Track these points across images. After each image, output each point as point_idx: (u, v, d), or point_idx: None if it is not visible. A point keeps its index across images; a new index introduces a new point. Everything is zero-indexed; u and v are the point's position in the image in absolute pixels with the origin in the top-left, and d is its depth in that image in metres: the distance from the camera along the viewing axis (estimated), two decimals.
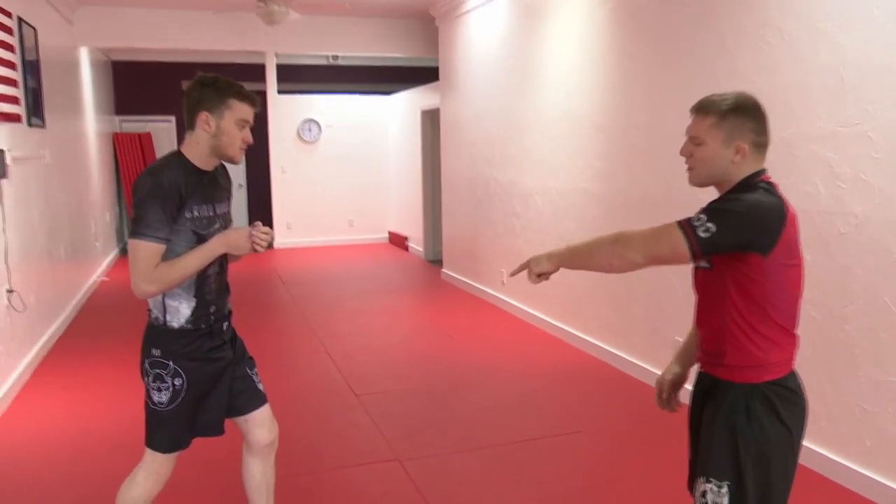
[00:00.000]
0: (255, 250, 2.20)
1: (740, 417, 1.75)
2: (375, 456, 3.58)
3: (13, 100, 4.89)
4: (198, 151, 2.19)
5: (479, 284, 7.25)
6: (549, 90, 5.67)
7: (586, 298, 5.29)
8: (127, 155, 10.63)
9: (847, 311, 3.18)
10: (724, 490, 1.74)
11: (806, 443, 3.41)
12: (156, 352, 2.18)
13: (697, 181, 1.91)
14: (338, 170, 10.95)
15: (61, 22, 7.08)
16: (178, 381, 2.18)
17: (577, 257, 1.90)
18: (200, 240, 2.18)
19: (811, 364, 3.38)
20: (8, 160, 4.53)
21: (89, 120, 8.47)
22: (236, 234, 2.19)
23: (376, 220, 11.29)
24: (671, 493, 3.15)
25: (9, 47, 4.88)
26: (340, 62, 11.80)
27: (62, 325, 5.99)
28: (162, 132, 11.29)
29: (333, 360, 5.16)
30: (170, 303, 2.18)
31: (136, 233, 2.08)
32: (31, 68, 5.53)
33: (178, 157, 2.20)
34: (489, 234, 6.97)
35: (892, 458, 3.03)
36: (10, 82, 4.86)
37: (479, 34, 6.98)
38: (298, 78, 11.55)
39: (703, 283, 1.89)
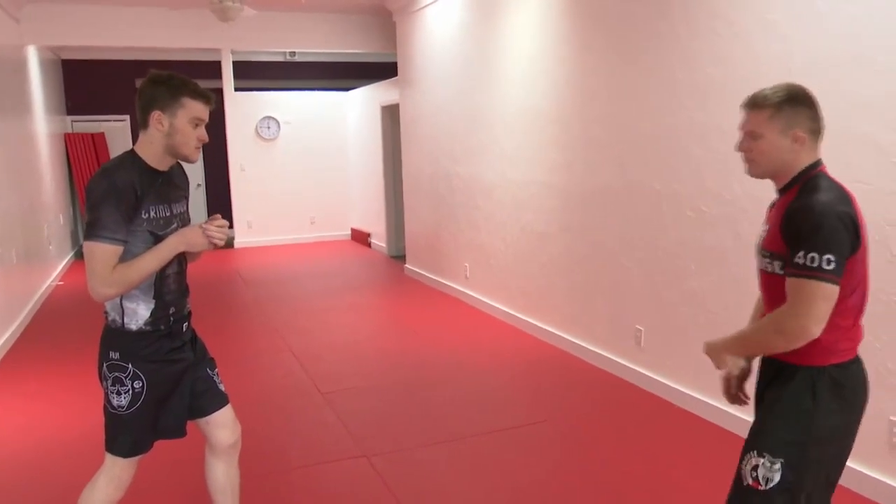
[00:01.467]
0: (214, 245, 2.19)
1: (805, 398, 1.81)
2: (342, 453, 3.57)
3: None
4: (152, 151, 2.16)
5: (443, 279, 7.27)
6: (507, 84, 5.71)
7: (548, 290, 5.35)
8: (80, 156, 10.38)
9: None
10: (777, 466, 1.80)
11: (738, 414, 3.51)
12: (114, 355, 2.15)
13: (758, 173, 1.96)
14: (298, 167, 10.85)
15: (6, 19, 6.88)
16: (137, 384, 2.16)
17: (754, 349, 1.95)
18: (157, 240, 2.15)
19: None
20: None
21: (38, 120, 8.24)
22: (191, 231, 2.19)
23: (338, 217, 11.23)
24: (635, 479, 3.22)
25: None
26: (298, 58, 11.68)
27: (16, 331, 5.84)
28: (116, 132, 11.05)
29: (298, 359, 5.13)
30: (127, 304, 2.15)
31: (92, 235, 2.04)
32: None
33: (132, 156, 2.16)
34: (451, 228, 6.99)
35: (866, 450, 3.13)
36: None
37: (437, 29, 6.98)
38: (255, 75, 11.41)
39: (772, 283, 1.90)
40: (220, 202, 11.68)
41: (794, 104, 1.86)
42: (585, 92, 4.72)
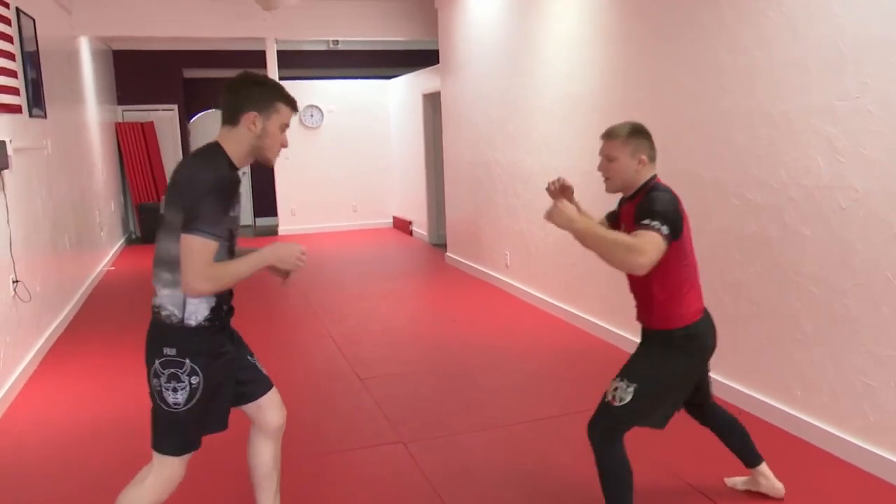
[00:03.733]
0: (298, 266, 2.23)
1: (662, 349, 2.49)
2: (379, 438, 3.60)
3: (13, 91, 4.90)
4: (237, 149, 2.15)
5: (483, 267, 7.25)
6: (547, 70, 5.64)
7: (589, 279, 5.29)
8: (130, 144, 10.65)
9: (848, 286, 3.18)
10: (631, 389, 2.43)
11: (807, 418, 3.42)
12: (169, 351, 2.11)
13: (613, 188, 2.59)
14: (341, 155, 10.94)
15: (60, 12, 7.07)
16: (195, 380, 2.13)
17: (595, 245, 2.32)
18: (232, 239, 2.17)
19: (812, 339, 3.38)
20: (10, 151, 4.55)
21: (91, 110, 8.47)
22: (287, 250, 2.20)
23: (380, 204, 11.30)
24: (675, 470, 3.17)
25: (8, 38, 4.87)
26: (341, 47, 11.75)
27: (69, 314, 6.03)
28: (164, 121, 11.30)
29: (338, 345, 5.19)
30: (191, 300, 2.12)
31: (194, 228, 1.99)
32: (31, 59, 5.53)
33: (221, 151, 2.14)
34: (491, 216, 6.96)
35: (894, 433, 3.04)
36: (10, 73, 4.86)
37: (479, 15, 6.93)
38: (299, 63, 11.52)
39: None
40: (264, 190, 11.87)
41: (638, 136, 2.52)
42: (627, 78, 4.63)
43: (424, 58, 10.16)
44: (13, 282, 4.51)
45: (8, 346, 4.31)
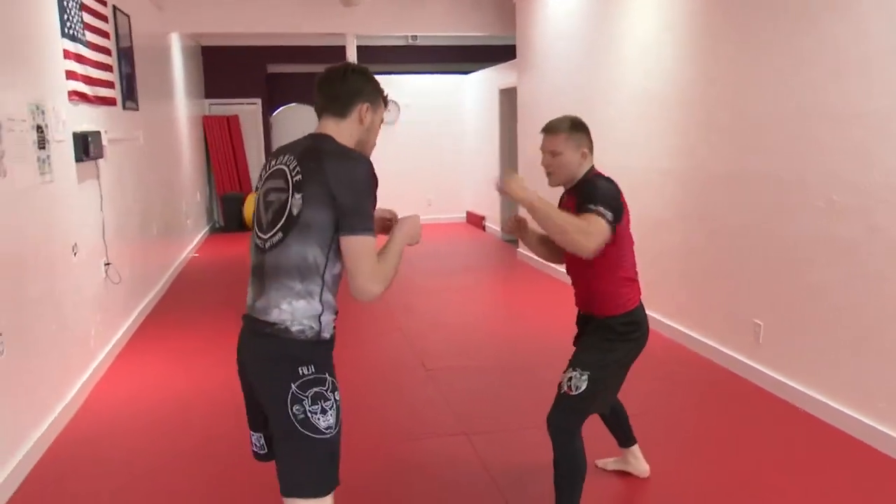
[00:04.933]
0: (419, 240, 2.10)
1: (608, 335, 2.57)
2: (443, 429, 3.64)
3: (109, 84, 5.18)
4: (347, 142, 1.97)
5: (554, 264, 7.19)
6: (626, 66, 5.54)
7: (662, 279, 5.17)
8: (216, 137, 11.08)
9: None
10: (584, 378, 2.51)
11: (892, 432, 3.25)
12: (307, 370, 1.85)
13: (557, 182, 2.62)
14: (416, 149, 11.06)
15: (152, 9, 7.42)
16: (337, 395, 1.90)
17: (545, 220, 2.36)
18: None
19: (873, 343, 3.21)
20: (104, 141, 4.82)
21: (180, 103, 8.86)
22: (413, 227, 2.06)
23: (454, 199, 11.36)
24: (740, 482, 3.07)
25: (105, 34, 5.16)
26: (419, 42, 11.85)
27: (155, 297, 6.34)
28: (248, 115, 11.69)
29: (406, 336, 5.26)
30: (326, 309, 1.90)
31: (363, 228, 1.82)
32: (125, 54, 5.83)
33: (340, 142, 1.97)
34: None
35: None
36: (107, 68, 5.15)
37: (557, 10, 6.86)
38: (378, 59, 11.68)
39: (571, 256, 2.55)
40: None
41: (580, 129, 2.58)
42: (707, 74, 4.50)
43: (502, 53, 10.13)
44: (105, 265, 4.78)
45: (99, 325, 4.58)
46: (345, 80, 1.98)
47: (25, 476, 3.18)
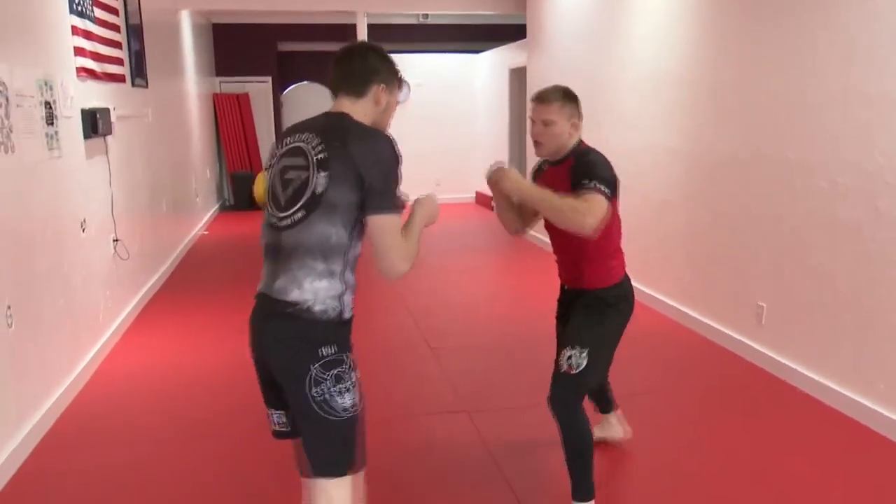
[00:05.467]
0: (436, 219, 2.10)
1: (601, 307, 2.57)
2: (444, 406, 3.68)
3: (118, 61, 5.21)
4: (363, 122, 1.94)
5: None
6: (635, 46, 5.49)
7: (667, 260, 5.17)
8: (226, 114, 11.09)
9: None
10: (584, 354, 2.50)
11: (891, 414, 3.25)
12: (329, 350, 1.83)
13: (547, 153, 2.59)
14: (426, 129, 11.02)
15: None
16: (355, 374, 1.90)
17: (543, 207, 2.38)
18: None
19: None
20: (113, 118, 4.85)
21: (190, 81, 8.87)
22: (431, 206, 2.06)
23: (463, 179, 11.34)
24: (743, 462, 3.10)
25: (113, 10, 5.17)
26: (431, 20, 11.77)
27: (164, 274, 6.40)
28: (259, 93, 11.68)
29: (412, 314, 5.30)
30: (348, 289, 1.90)
31: (390, 207, 1.83)
32: (135, 31, 5.84)
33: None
34: None
35: None
36: (115, 44, 5.17)
37: None
38: (389, 37, 11.61)
39: (558, 231, 2.50)
40: None
41: (572, 99, 2.54)
42: (716, 55, 4.46)
43: (514, 32, 10.06)
44: (113, 241, 4.83)
45: (108, 300, 4.64)
46: (363, 60, 1.95)
47: (32, 449, 3.25)
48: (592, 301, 2.60)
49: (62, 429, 3.48)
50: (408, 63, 10.87)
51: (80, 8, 4.34)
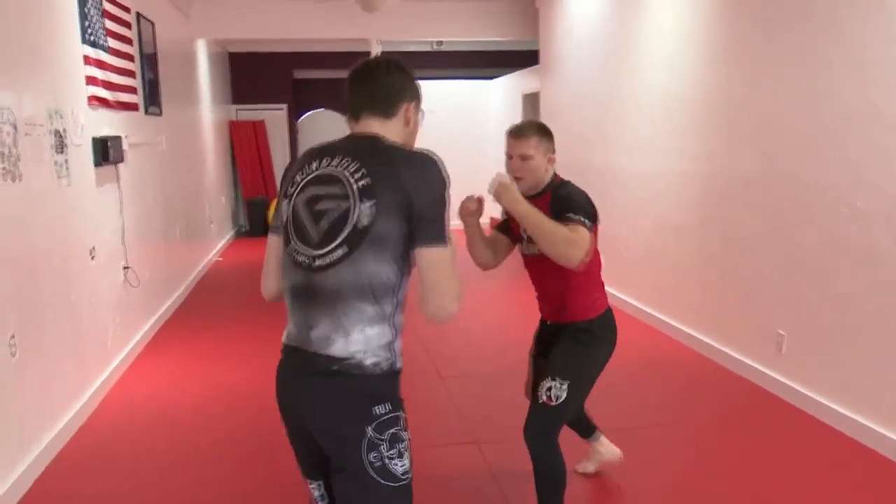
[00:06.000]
0: None
1: (584, 339, 2.56)
2: (453, 437, 3.60)
3: (131, 90, 5.25)
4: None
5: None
6: (647, 70, 5.45)
7: (682, 286, 5.07)
8: (242, 141, 11.19)
9: None
10: (564, 387, 2.48)
11: (891, 434, 3.13)
12: (383, 408, 1.64)
13: (525, 188, 2.53)
14: (440, 155, 11.01)
15: (178, 16, 7.52)
16: (408, 434, 1.70)
17: (536, 230, 2.32)
18: None
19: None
20: (125, 146, 4.87)
21: (206, 108, 8.96)
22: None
23: None
24: (762, 498, 2.98)
25: (127, 41, 5.22)
26: (445, 48, 11.85)
27: (176, 300, 6.39)
28: (275, 120, 11.78)
29: (423, 341, 5.23)
30: (398, 335, 1.71)
31: (443, 239, 1.64)
32: (149, 60, 5.90)
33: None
34: None
35: None
36: (129, 73, 5.21)
37: (579, 14, 6.80)
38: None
39: (541, 265, 2.54)
40: None
41: (547, 134, 2.55)
42: (728, 76, 4.40)
43: (527, 58, 10.08)
44: (123, 268, 4.83)
45: (118, 326, 4.62)
46: (387, 76, 1.76)
47: (37, 476, 3.21)
48: (577, 333, 2.57)
49: (68, 456, 3.44)
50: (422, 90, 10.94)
51: (92, 38, 4.38)
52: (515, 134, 2.55)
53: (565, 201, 2.41)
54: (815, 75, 3.65)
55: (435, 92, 10.98)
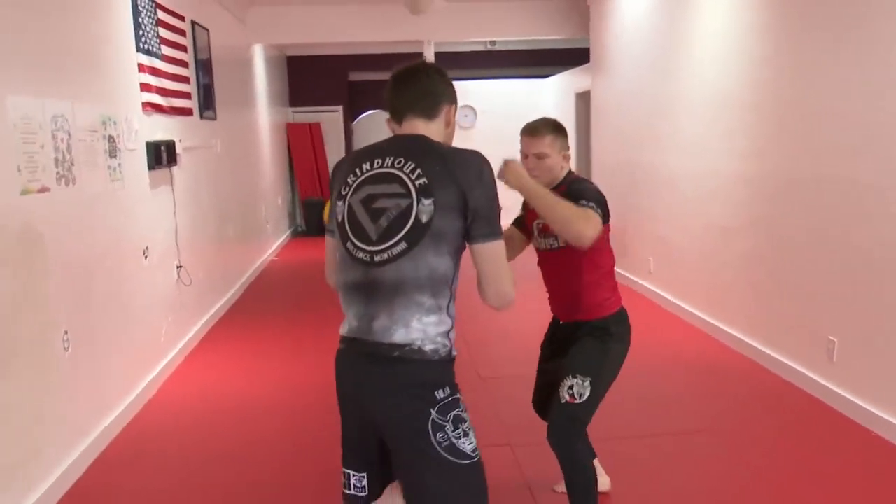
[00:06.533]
0: None
1: (602, 336, 2.52)
2: (488, 439, 3.53)
3: (185, 95, 5.44)
4: None
5: (627, 273, 6.99)
6: (696, 67, 5.32)
7: (732, 290, 4.93)
8: (298, 143, 11.43)
9: None
10: (587, 384, 2.45)
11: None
12: (444, 392, 1.72)
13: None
14: (492, 155, 10.87)
15: (234, 22, 7.74)
16: (468, 415, 1.78)
17: (547, 207, 2.28)
18: None
19: None
20: (178, 150, 5.05)
21: (262, 111, 9.19)
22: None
23: None
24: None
25: (181, 48, 5.41)
26: (498, 47, 11.82)
27: (231, 299, 6.59)
28: (331, 121, 12.00)
29: (466, 342, 5.24)
30: (453, 324, 1.80)
31: (498, 233, 1.75)
32: (204, 66, 6.10)
33: None
34: (635, 220, 6.70)
35: None
36: (183, 79, 5.40)
37: (630, 12, 6.69)
38: (456, 65, 11.73)
39: (555, 260, 2.58)
40: None
41: (562, 132, 2.54)
42: (779, 74, 4.25)
43: (581, 56, 9.97)
44: (177, 267, 5.01)
45: (170, 324, 4.80)
46: (430, 80, 1.87)
47: (86, 468, 3.37)
48: (593, 331, 2.55)
49: (116, 449, 3.60)
50: (475, 90, 10.95)
51: (146, 46, 4.56)
52: (530, 132, 2.54)
53: (579, 192, 2.41)
54: (868, 71, 3.50)
55: (488, 91, 11.01)
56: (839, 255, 3.78)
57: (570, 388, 2.47)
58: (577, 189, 2.44)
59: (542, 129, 2.52)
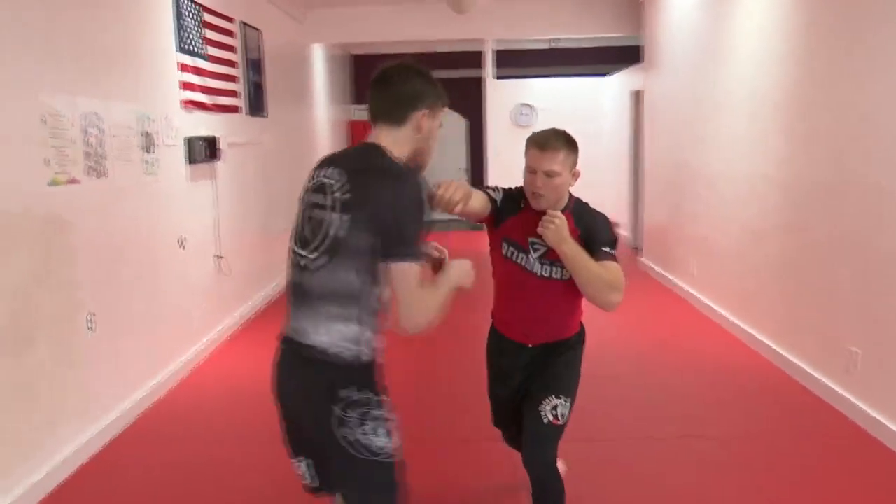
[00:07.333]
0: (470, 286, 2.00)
1: (577, 354, 2.51)
2: (483, 433, 3.62)
3: (231, 93, 5.68)
4: (400, 153, 1.82)
5: (671, 275, 6.85)
6: (736, 66, 5.17)
7: (761, 294, 4.78)
8: (357, 140, 11.64)
9: None
10: (568, 404, 2.40)
11: None
12: (349, 391, 1.78)
13: (546, 205, 2.30)
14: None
15: (290, 22, 7.99)
16: (389, 414, 1.85)
17: (578, 269, 2.22)
18: None
19: None
20: (222, 145, 5.30)
21: (320, 109, 9.44)
22: (462, 270, 1.97)
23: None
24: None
25: (229, 48, 5.66)
26: (561, 45, 11.72)
27: (274, 289, 6.83)
28: None
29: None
30: (369, 332, 1.80)
31: (410, 254, 1.71)
32: (254, 65, 6.34)
33: (393, 156, 1.81)
34: (679, 221, 6.55)
35: None
36: (230, 78, 5.65)
37: (678, 9, 6.54)
38: (516, 63, 11.71)
39: (544, 288, 2.39)
40: (476, 185, 12.28)
41: (573, 147, 2.30)
42: (814, 76, 4.09)
43: (640, 54, 9.78)
44: (216, 257, 5.26)
45: (205, 312, 5.04)
46: (403, 83, 1.84)
47: (104, 444, 3.60)
48: (565, 350, 2.50)
49: (138, 427, 3.83)
50: (534, 88, 10.90)
51: (189, 47, 4.81)
52: (541, 146, 2.26)
53: (595, 230, 2.30)
54: None
55: (548, 89, 10.93)
56: (865, 264, 3.62)
57: (555, 408, 2.38)
58: (591, 227, 2.31)
59: (555, 144, 2.25)
